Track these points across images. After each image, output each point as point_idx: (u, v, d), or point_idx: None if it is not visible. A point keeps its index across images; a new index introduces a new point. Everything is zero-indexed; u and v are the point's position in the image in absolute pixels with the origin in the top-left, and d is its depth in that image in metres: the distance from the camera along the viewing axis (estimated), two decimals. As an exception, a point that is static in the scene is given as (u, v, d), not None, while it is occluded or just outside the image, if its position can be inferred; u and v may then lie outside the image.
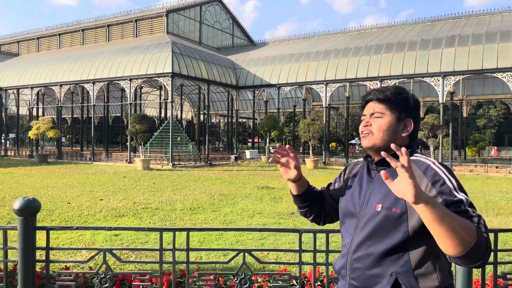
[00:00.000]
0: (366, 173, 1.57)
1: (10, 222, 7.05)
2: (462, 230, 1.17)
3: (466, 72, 19.53)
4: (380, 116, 1.50)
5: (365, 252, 1.43)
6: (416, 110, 1.53)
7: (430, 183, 1.32)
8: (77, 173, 16.72)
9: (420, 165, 1.39)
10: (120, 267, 4.37)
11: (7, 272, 2.84)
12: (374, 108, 1.51)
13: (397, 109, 1.49)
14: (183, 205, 9.03)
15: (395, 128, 1.48)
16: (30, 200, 2.77)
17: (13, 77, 28.47)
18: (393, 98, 1.50)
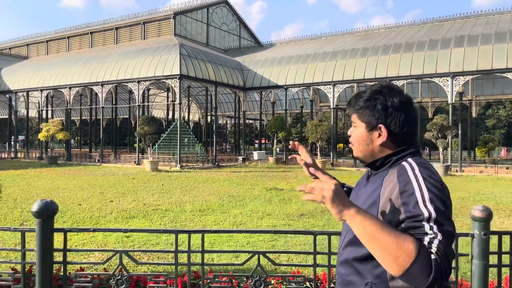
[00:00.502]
0: (365, 178, 1.53)
1: (23, 223, 7.14)
2: (397, 249, 1.10)
3: (475, 72, 19.38)
4: (355, 127, 1.46)
5: (345, 258, 1.41)
6: (399, 110, 1.38)
7: (399, 192, 1.25)
8: (87, 174, 16.85)
9: (399, 170, 1.33)
10: (135, 268, 4.40)
11: (24, 273, 2.88)
12: (352, 118, 1.48)
13: (367, 117, 1.40)
14: (192, 206, 9.07)
15: (367, 139, 1.41)
16: (48, 203, 2.82)
17: (23, 79, 28.79)
18: (362, 106, 1.42)
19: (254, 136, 49.57)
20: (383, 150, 1.40)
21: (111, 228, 5.05)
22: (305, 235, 5.90)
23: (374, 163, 1.43)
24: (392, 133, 1.38)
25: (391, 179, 1.32)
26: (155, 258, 5.09)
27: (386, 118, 1.38)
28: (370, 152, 1.42)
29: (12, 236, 6.07)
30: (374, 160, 1.42)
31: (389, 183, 1.31)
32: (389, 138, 1.38)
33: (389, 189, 1.29)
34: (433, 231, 1.14)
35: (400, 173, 1.30)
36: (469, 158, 25.49)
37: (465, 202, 10.12)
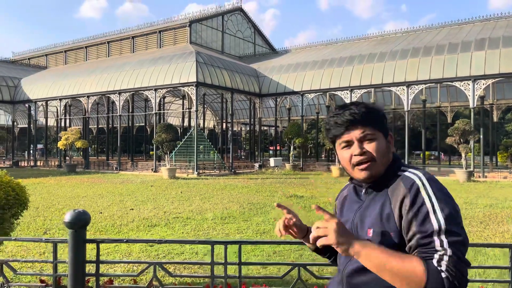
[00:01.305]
0: (355, 196, 1.46)
1: (47, 232, 7.12)
2: (407, 275, 1.13)
3: (497, 75, 18.94)
4: (374, 139, 1.35)
5: (362, 280, 1.32)
6: (387, 121, 1.46)
7: (409, 203, 1.23)
8: (105, 182, 16.92)
9: (406, 181, 1.29)
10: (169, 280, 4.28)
11: (56, 286, 2.78)
12: (363, 130, 1.34)
13: (383, 126, 1.39)
14: (213, 214, 8.96)
15: (388, 148, 1.38)
16: (81, 213, 2.72)
17: (42, 89, 29.28)
18: (376, 115, 1.38)
19: (268, 143, 49.43)
20: (390, 159, 1.38)
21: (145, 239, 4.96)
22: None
23: (385, 175, 1.36)
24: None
25: (398, 190, 1.29)
26: (180, 268, 4.97)
27: (388, 126, 1.43)
28: (387, 163, 1.37)
29: (36, 246, 6.03)
30: (386, 172, 1.36)
31: (397, 195, 1.28)
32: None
33: (399, 201, 1.26)
34: (443, 247, 1.14)
35: (407, 184, 1.27)
36: (491, 163, 24.88)
37: (494, 209, 9.79)
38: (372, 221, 1.31)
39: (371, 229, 1.31)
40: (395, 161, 1.39)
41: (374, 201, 1.35)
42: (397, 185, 1.30)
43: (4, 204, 3.37)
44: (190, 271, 4.86)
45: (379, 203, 1.32)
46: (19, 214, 3.64)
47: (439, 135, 28.46)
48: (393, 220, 1.26)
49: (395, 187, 1.30)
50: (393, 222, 1.26)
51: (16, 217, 3.60)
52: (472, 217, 8.69)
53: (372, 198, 1.37)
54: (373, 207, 1.34)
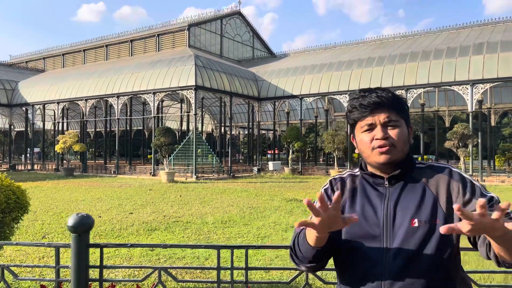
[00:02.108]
0: (370, 188, 1.36)
1: (45, 236, 7.04)
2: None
3: (496, 79, 19.00)
4: (398, 125, 1.32)
5: (411, 279, 1.22)
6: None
7: (461, 186, 1.26)
8: (103, 186, 16.82)
9: (442, 170, 1.32)
10: (171, 284, 4.21)
11: (59, 291, 2.72)
12: (388, 115, 1.31)
13: (407, 115, 1.37)
14: (213, 218, 8.89)
15: (408, 137, 1.36)
16: (84, 217, 2.66)
17: (40, 92, 29.18)
18: (402, 103, 1.37)
19: (266, 147, 49.41)
20: (408, 150, 1.37)
21: (150, 243, 4.89)
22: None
23: (408, 165, 1.35)
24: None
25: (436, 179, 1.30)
26: (182, 273, 4.90)
27: (409, 118, 1.41)
28: (406, 152, 1.35)
29: (35, 250, 5.95)
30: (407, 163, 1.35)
31: (438, 182, 1.29)
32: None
33: (444, 188, 1.28)
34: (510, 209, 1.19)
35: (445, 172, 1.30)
36: (489, 167, 24.91)
37: (494, 213, 9.76)
38: (415, 211, 1.27)
39: (415, 219, 1.26)
40: (409, 154, 1.38)
41: (407, 191, 1.31)
42: (432, 174, 1.31)
43: (4, 208, 3.31)
44: (192, 276, 4.79)
45: (417, 193, 1.29)
46: (19, 218, 3.58)
47: (437, 139, 28.52)
48: (440, 208, 1.26)
49: (430, 177, 1.31)
50: (440, 209, 1.26)
51: (17, 221, 3.54)
52: (473, 221, 8.65)
53: (401, 188, 1.32)
54: (409, 197, 1.29)
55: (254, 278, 4.66)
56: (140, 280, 2.74)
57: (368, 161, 1.36)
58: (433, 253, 1.23)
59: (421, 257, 1.23)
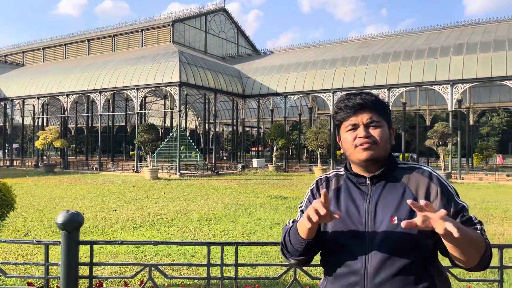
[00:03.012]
0: (353, 187, 1.44)
1: (28, 234, 6.94)
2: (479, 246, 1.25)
3: (475, 80, 19.48)
4: (380, 126, 1.41)
5: (389, 273, 1.30)
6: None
7: (440, 190, 1.34)
8: (85, 183, 16.61)
9: (422, 172, 1.40)
10: (159, 281, 4.23)
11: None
12: (371, 116, 1.40)
13: (389, 117, 1.47)
14: (199, 215, 8.90)
15: (390, 138, 1.45)
16: (74, 214, 2.67)
17: (19, 87, 28.52)
18: (384, 106, 1.46)
19: (250, 144, 49.47)
20: (388, 149, 1.45)
21: (140, 240, 4.89)
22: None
23: (391, 165, 1.43)
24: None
25: (417, 180, 1.38)
26: (169, 270, 4.92)
27: (391, 120, 1.51)
28: (387, 152, 1.43)
29: (18, 248, 5.87)
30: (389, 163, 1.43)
31: (417, 183, 1.37)
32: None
33: (422, 189, 1.36)
34: (477, 219, 1.33)
35: (424, 174, 1.39)
36: (467, 165, 25.54)
37: (473, 210, 10.04)
38: (395, 209, 1.34)
39: (395, 217, 1.33)
40: (391, 155, 1.46)
41: (388, 190, 1.39)
42: (412, 175, 1.40)
43: (-10, 205, 3.27)
44: (179, 273, 4.81)
45: (397, 192, 1.38)
46: (5, 216, 3.54)
47: (418, 137, 29.06)
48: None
49: (411, 177, 1.40)
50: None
51: (3, 219, 3.50)
52: (453, 218, 8.89)
53: (382, 187, 1.40)
54: (389, 196, 1.37)
55: (241, 275, 4.71)
56: (131, 277, 2.76)
57: (351, 158, 1.44)
58: (412, 249, 1.30)
59: (400, 253, 1.30)
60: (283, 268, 4.00)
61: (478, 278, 3.56)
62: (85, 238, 6.84)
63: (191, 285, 4.06)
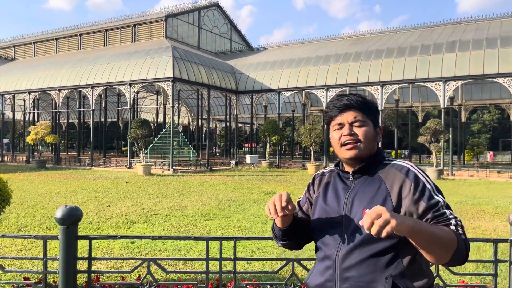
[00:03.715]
0: (339, 181, 1.56)
1: (21, 229, 6.89)
2: (447, 240, 1.27)
3: (467, 77, 19.64)
4: (363, 125, 1.50)
5: (357, 259, 1.40)
6: (379, 116, 1.67)
7: (413, 185, 1.38)
8: (78, 178, 16.50)
9: (401, 169, 1.45)
10: (163, 276, 4.23)
11: (46, 283, 2.71)
12: (356, 116, 1.50)
13: (374, 117, 1.54)
14: (193, 211, 8.90)
15: (375, 136, 1.52)
16: (73, 209, 2.66)
17: (10, 82, 28.17)
18: (370, 106, 1.54)
19: (243, 140, 49.43)
20: (375, 147, 1.52)
21: (139, 235, 4.86)
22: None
23: (372, 161, 1.50)
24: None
25: (392, 175, 1.44)
26: (165, 265, 4.92)
27: (379, 120, 1.60)
28: (372, 150, 1.50)
29: (12, 243, 5.83)
30: (371, 160, 1.50)
31: (393, 178, 1.43)
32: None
33: (398, 185, 1.41)
34: (452, 215, 1.35)
35: (402, 170, 1.44)
36: (459, 162, 25.79)
37: (464, 206, 10.17)
38: (367, 202, 1.42)
39: (366, 209, 1.39)
40: (379, 152, 1.54)
41: (366, 185, 1.47)
42: (391, 171, 1.46)
43: (-14, 200, 3.25)
44: (174, 268, 4.82)
45: (373, 187, 1.45)
46: (1, 210, 3.52)
47: (410, 134, 29.27)
48: (390, 202, 1.40)
49: (388, 173, 1.46)
50: (390, 203, 1.39)
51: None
52: (445, 214, 8.99)
53: (362, 182, 1.49)
54: (366, 190, 1.46)
55: (237, 269, 4.73)
56: (129, 271, 2.76)
57: (338, 156, 1.56)
58: (379, 240, 1.34)
59: (369, 242, 1.39)
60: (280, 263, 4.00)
61: (472, 272, 3.62)
62: (80, 233, 6.81)
63: (187, 279, 4.07)
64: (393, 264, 1.38)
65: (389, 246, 1.37)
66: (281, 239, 1.64)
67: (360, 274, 1.39)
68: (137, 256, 5.13)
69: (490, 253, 5.44)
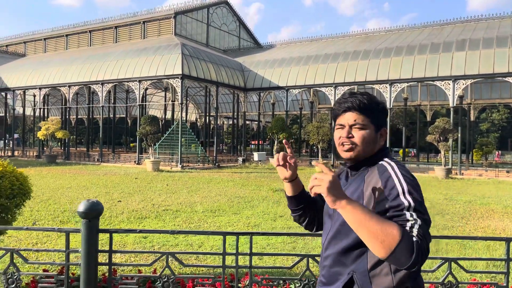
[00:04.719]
0: (344, 177, 1.63)
1: (36, 223, 7.03)
2: (383, 234, 1.25)
3: (477, 76, 19.51)
4: (363, 128, 1.51)
5: (332, 251, 1.51)
6: (387, 117, 1.63)
7: (382, 187, 1.40)
8: (88, 174, 16.69)
9: (380, 169, 1.47)
10: (176, 270, 4.32)
11: (68, 275, 2.80)
12: (356, 119, 1.51)
13: (377, 120, 1.53)
14: (203, 207, 9.00)
15: (375, 139, 1.53)
16: (94, 203, 2.76)
17: (21, 77, 28.48)
18: (374, 109, 1.53)
19: (250, 137, 49.51)
20: (379, 147, 1.55)
21: (158, 229, 4.97)
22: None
23: (366, 162, 1.53)
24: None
25: (372, 176, 1.46)
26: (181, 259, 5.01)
27: (386, 120, 1.61)
28: (370, 152, 1.53)
29: (28, 236, 5.97)
30: (364, 160, 1.53)
31: (371, 179, 1.46)
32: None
33: (371, 185, 1.44)
34: (413, 217, 1.31)
35: (381, 171, 1.45)
36: (467, 161, 25.65)
37: (473, 205, 10.16)
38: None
39: None
40: (379, 152, 1.54)
41: (355, 182, 1.54)
42: (372, 171, 1.49)
43: (8, 194, 3.35)
44: (187, 262, 4.91)
45: (355, 186, 1.51)
46: (22, 204, 3.62)
47: (418, 133, 29.14)
48: (362, 199, 1.45)
49: (370, 173, 1.49)
50: (361, 200, 1.45)
51: (19, 207, 3.58)
52: (453, 213, 9.00)
53: (354, 180, 1.56)
54: (351, 187, 1.53)
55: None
56: (149, 264, 2.85)
57: (339, 154, 1.61)
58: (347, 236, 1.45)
59: (345, 233, 1.46)
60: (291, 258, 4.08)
61: (484, 270, 3.66)
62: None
63: (201, 273, 4.16)
64: (358, 260, 1.43)
65: (356, 242, 1.41)
66: (293, 210, 1.75)
67: (330, 264, 1.51)
68: (153, 250, 5.22)
69: (500, 252, 5.47)
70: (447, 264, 2.63)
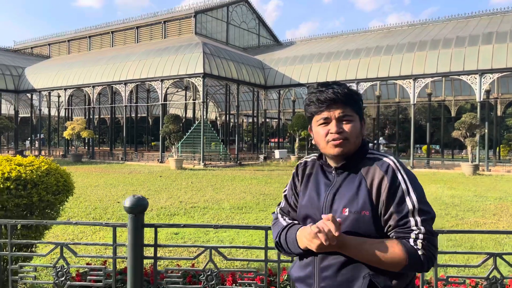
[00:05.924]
0: (322, 175, 1.50)
1: (69, 219, 7.22)
2: (392, 259, 1.30)
3: (504, 69, 18.99)
4: (352, 120, 1.42)
5: (336, 260, 1.38)
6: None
7: (388, 185, 1.35)
8: (113, 172, 17.02)
9: (381, 164, 1.40)
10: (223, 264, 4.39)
11: (115, 268, 2.88)
12: (343, 111, 1.41)
13: (360, 110, 1.46)
14: (229, 204, 9.07)
15: (361, 131, 1.46)
16: (140, 198, 2.82)
17: (46, 79, 29.21)
18: (356, 99, 1.45)
19: (270, 135, 49.49)
20: (360, 141, 1.46)
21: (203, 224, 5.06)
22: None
23: (356, 157, 1.45)
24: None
25: (374, 172, 1.39)
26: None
27: (363, 111, 1.50)
28: (358, 145, 1.45)
29: (63, 231, 6.13)
30: (355, 155, 1.45)
31: (374, 176, 1.38)
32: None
33: (377, 182, 1.37)
34: (417, 226, 1.31)
35: (383, 167, 1.38)
36: (494, 157, 25.01)
37: (504, 202, 9.92)
38: (348, 201, 1.39)
39: (346, 208, 1.38)
40: (363, 145, 1.47)
41: (348, 181, 1.43)
42: (372, 167, 1.40)
43: (54, 190, 3.46)
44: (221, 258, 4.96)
45: (355, 184, 1.41)
46: (65, 200, 3.73)
47: (442, 129, 28.59)
48: (371, 200, 1.36)
49: (370, 169, 1.40)
50: (371, 201, 1.36)
51: (63, 204, 3.70)
52: (484, 210, 8.81)
53: (344, 178, 1.44)
54: (347, 187, 1.41)
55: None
56: (193, 258, 2.90)
57: (323, 152, 1.49)
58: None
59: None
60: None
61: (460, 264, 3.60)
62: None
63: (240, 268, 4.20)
64: (365, 267, 1.36)
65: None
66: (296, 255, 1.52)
67: (336, 273, 1.38)
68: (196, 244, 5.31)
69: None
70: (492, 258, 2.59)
